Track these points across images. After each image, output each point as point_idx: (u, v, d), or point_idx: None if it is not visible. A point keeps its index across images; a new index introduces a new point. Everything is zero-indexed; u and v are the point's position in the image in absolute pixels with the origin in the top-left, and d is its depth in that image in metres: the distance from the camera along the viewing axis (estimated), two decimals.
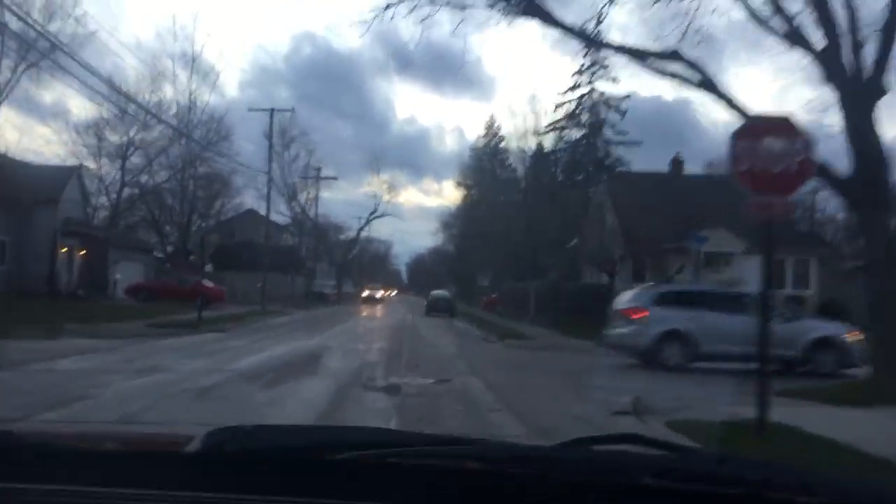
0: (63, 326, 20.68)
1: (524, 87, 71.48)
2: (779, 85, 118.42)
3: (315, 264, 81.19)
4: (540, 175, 58.86)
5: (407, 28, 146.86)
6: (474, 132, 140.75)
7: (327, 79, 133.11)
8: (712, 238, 31.29)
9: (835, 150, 11.62)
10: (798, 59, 11.68)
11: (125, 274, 40.58)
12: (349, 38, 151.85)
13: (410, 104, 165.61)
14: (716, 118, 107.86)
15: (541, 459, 1.30)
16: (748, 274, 32.13)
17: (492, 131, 69.95)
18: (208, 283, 41.62)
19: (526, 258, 50.20)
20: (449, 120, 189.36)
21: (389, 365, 14.49)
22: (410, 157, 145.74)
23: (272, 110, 40.87)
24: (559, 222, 49.49)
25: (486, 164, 69.86)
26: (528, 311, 37.87)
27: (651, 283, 20.22)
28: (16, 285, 32.20)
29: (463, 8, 12.80)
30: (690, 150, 77.03)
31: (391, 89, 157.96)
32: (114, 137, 58.51)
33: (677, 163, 37.30)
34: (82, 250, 36.24)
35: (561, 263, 44.95)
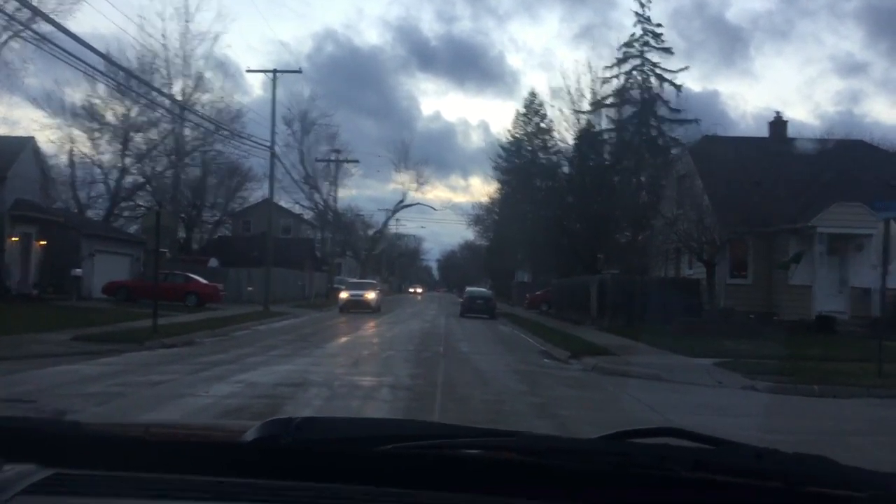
0: None
1: (552, 80, 66.29)
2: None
3: (340, 260, 74.80)
4: (587, 157, 51.60)
5: (430, 24, 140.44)
6: (501, 127, 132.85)
7: (350, 77, 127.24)
8: (835, 216, 23.80)
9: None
10: None
11: (106, 269, 34.02)
12: (370, 35, 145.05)
13: (434, 102, 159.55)
14: (745, 110, 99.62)
15: (580, 451, 1.31)
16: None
17: (532, 108, 62.57)
18: (200, 280, 35.17)
19: (576, 250, 42.89)
20: (474, 116, 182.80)
21: None
22: (437, 154, 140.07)
23: (275, 71, 33.94)
24: (614, 208, 42.38)
25: (526, 147, 62.53)
26: (586, 311, 30.55)
27: None
28: None
29: None
30: None
31: (415, 86, 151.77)
32: (112, 119, 52.89)
33: (779, 123, 29.67)
34: (41, 240, 29.61)
35: (622, 254, 37.70)
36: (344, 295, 38.22)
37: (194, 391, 9.95)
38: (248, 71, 44.30)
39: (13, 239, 27.64)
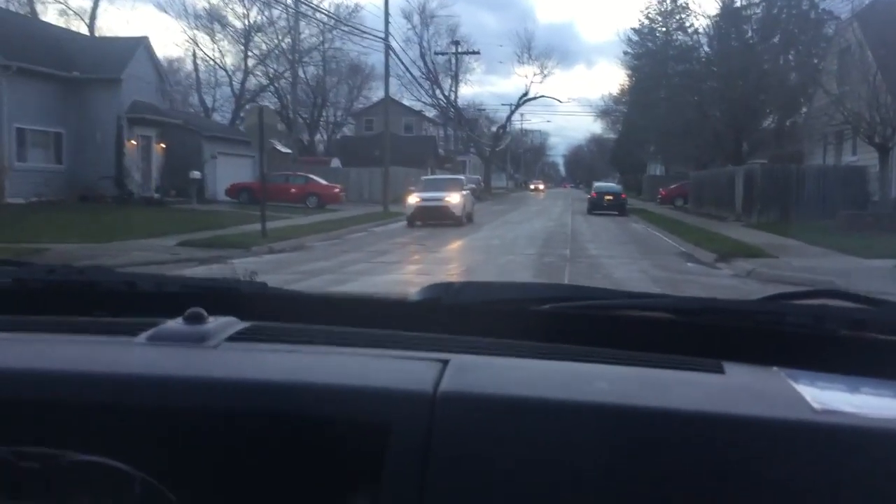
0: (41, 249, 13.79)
1: None
2: None
3: (464, 158, 73.27)
4: (729, 36, 46.86)
5: None
6: (631, 11, 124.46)
7: None
8: None
9: None
10: None
11: (229, 172, 33.86)
12: None
13: None
14: None
15: (735, 312, 1.29)
16: None
17: None
18: (320, 181, 34.60)
19: (717, 139, 39.34)
20: (601, 2, 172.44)
21: None
22: (562, 44, 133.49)
23: None
24: (760, 91, 38.31)
25: (660, 28, 57.74)
26: (730, 205, 27.74)
27: None
28: (80, 189, 25.96)
29: None
30: None
31: None
32: (234, 20, 52.57)
33: None
34: (162, 143, 29.45)
35: (770, 141, 34.11)
36: (412, 200, 24.90)
37: None
38: None
39: (132, 142, 27.51)
